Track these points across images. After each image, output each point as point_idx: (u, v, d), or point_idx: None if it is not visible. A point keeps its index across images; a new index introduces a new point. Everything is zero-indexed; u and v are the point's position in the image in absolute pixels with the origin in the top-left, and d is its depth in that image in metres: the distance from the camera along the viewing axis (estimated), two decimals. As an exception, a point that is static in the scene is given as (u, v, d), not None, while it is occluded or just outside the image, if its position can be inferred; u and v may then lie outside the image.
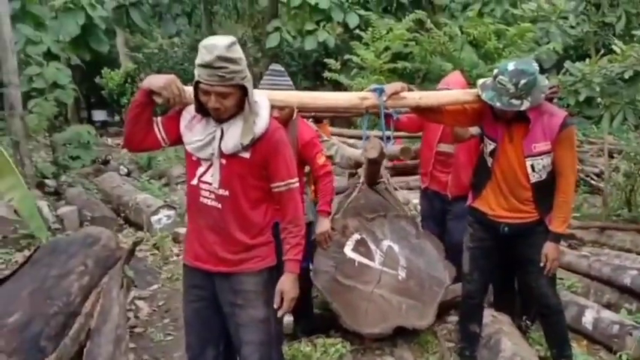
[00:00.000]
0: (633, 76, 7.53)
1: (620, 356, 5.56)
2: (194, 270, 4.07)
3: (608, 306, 6.65)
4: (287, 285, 3.92)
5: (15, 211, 9.13)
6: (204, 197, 3.92)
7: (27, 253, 7.88)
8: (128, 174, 13.88)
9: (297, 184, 4.03)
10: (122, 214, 10.38)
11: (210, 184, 3.88)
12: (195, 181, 3.94)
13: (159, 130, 3.91)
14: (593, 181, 13.10)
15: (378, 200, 6.48)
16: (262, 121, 3.78)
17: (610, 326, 6.00)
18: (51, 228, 9.03)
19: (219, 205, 3.88)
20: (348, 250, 5.96)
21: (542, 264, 5.02)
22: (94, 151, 14.22)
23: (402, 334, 5.80)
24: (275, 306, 3.90)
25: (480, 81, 4.87)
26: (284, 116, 5.30)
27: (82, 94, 19.19)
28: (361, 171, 6.63)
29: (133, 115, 3.82)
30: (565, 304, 6.36)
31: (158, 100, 3.78)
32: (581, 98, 7.80)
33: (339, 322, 5.72)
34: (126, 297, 5.73)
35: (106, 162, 14.94)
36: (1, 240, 8.49)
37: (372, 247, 5.97)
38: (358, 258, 5.94)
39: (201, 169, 3.90)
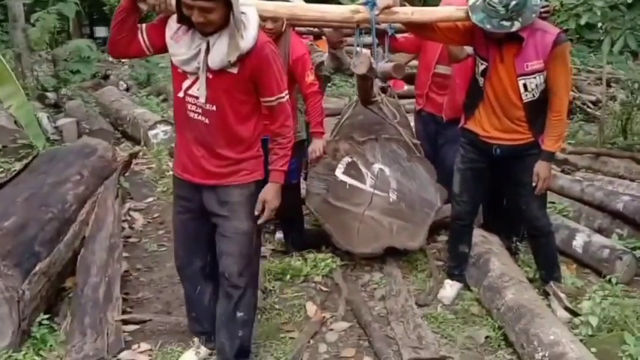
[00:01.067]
0: (635, 1, 7.37)
1: (610, 280, 5.52)
2: (182, 182, 4.03)
3: (600, 231, 6.63)
4: (270, 194, 3.94)
5: (15, 122, 9.12)
6: (191, 111, 3.83)
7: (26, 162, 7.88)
8: (127, 89, 13.79)
9: (287, 98, 3.96)
10: (120, 128, 10.30)
11: (196, 97, 3.78)
12: (181, 94, 3.84)
13: (143, 38, 3.76)
14: (589, 109, 13.04)
15: (374, 119, 6.35)
16: (250, 35, 3.62)
17: (600, 250, 5.98)
18: (50, 139, 9.04)
19: (207, 120, 3.80)
20: (339, 173, 5.93)
21: (533, 183, 4.98)
22: (95, 65, 14.09)
23: (391, 253, 5.81)
24: (256, 213, 3.92)
25: (470, 1, 4.70)
26: (278, 29, 5.27)
27: (84, 10, 18.93)
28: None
29: (118, 21, 3.69)
30: (556, 228, 6.33)
31: (143, 6, 3.67)
32: (582, 22, 7.64)
33: (330, 239, 5.78)
34: (121, 207, 5.73)
35: (106, 77, 14.84)
36: (1, 149, 8.48)
37: (363, 170, 5.93)
38: (349, 180, 5.92)
39: (187, 82, 3.79)
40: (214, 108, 3.75)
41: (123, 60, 16.38)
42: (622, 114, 10.44)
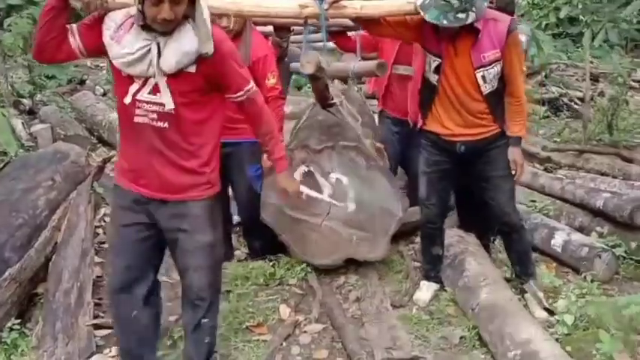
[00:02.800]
0: (615, -7, 7.49)
1: (586, 277, 5.62)
2: (128, 193, 3.82)
3: (580, 229, 6.76)
4: (285, 182, 4.16)
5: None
6: (141, 116, 3.62)
7: None
8: (104, 94, 13.85)
9: (256, 88, 3.86)
10: (95, 133, 10.35)
11: (149, 102, 3.58)
12: (128, 100, 3.61)
13: (75, 39, 3.52)
14: (576, 106, 13.11)
15: (334, 121, 6.13)
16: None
17: (579, 249, 6.11)
18: (24, 145, 9.05)
19: (164, 125, 3.62)
20: None
21: (512, 171, 5.10)
22: (71, 70, 14.13)
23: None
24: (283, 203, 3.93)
25: (419, 1, 4.66)
26: (235, 27, 5.26)
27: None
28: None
29: (46, 21, 3.44)
30: (535, 227, 6.57)
31: (75, 3, 3.44)
32: (562, 15, 7.80)
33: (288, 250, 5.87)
34: (94, 213, 5.82)
35: (82, 82, 14.79)
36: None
37: (320, 179, 5.86)
38: (306, 190, 5.77)
39: (134, 87, 3.58)
40: (172, 111, 3.59)
41: (101, 65, 16.44)
42: (608, 109, 10.53)
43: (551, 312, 5.13)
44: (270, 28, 5.95)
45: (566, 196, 7.40)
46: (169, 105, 3.53)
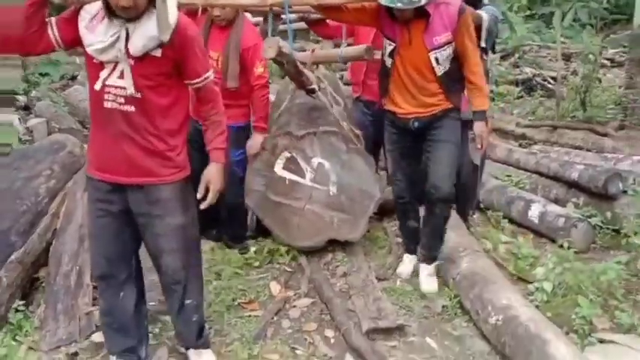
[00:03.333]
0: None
1: (562, 245, 5.65)
2: (101, 183, 3.80)
3: (556, 201, 6.84)
4: (213, 175, 3.90)
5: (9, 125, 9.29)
6: (110, 101, 3.64)
7: None
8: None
9: (213, 77, 3.86)
10: (88, 126, 10.33)
11: (117, 87, 3.60)
12: (98, 86, 3.63)
13: (53, 32, 3.58)
14: (550, 85, 13.21)
15: (313, 104, 6.24)
16: (173, 17, 3.50)
17: (556, 219, 6.20)
18: (21, 139, 9.15)
19: (131, 109, 3.63)
20: (278, 169, 5.90)
21: (478, 145, 5.16)
22: (63, 67, 14.18)
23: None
24: (199, 196, 3.85)
25: None
26: (225, 15, 5.32)
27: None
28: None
29: (27, 16, 3.49)
30: (512, 200, 6.67)
31: None
32: (532, -5, 7.80)
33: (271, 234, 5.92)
34: (89, 199, 5.88)
35: (73, 78, 14.87)
36: (-32, 152, 8.61)
37: (303, 164, 5.88)
38: (289, 176, 5.88)
39: (104, 72, 3.60)
40: (139, 95, 3.62)
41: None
42: (580, 86, 10.60)
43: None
44: (259, 18, 6.01)
45: (541, 169, 7.45)
46: (130, 89, 3.56)
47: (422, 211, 5.42)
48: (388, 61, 5.06)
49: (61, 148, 6.33)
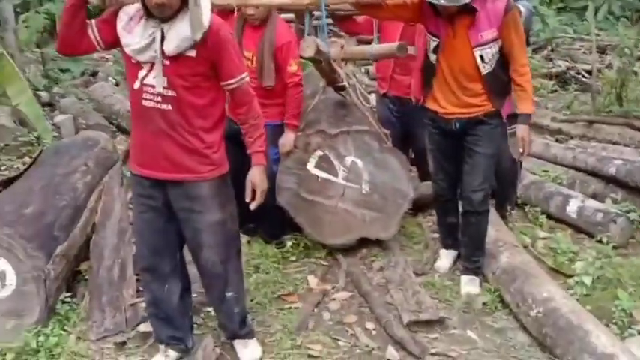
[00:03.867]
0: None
1: (601, 240, 5.95)
2: (143, 179, 4.05)
3: (594, 196, 6.99)
4: (257, 177, 4.08)
5: (14, 121, 9.55)
6: (148, 100, 3.86)
7: (27, 160, 8.25)
8: (117, 84, 14.11)
9: (248, 78, 4.00)
10: (114, 122, 10.59)
11: (153, 86, 3.82)
12: (137, 85, 3.87)
13: (93, 33, 3.82)
14: (584, 79, 13.25)
15: (343, 105, 6.38)
16: (206, 18, 3.67)
17: (594, 214, 6.36)
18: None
19: (168, 106, 3.84)
20: (310, 167, 6.00)
21: (520, 149, 5.23)
22: (83, 63, 14.42)
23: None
24: (247, 199, 4.06)
25: None
26: (258, 14, 5.45)
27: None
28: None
29: (67, 17, 3.75)
30: (550, 195, 6.84)
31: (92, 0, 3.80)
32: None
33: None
34: (127, 194, 6.11)
35: (94, 74, 15.10)
36: (4, 148, 8.83)
37: (336, 163, 5.99)
38: (321, 174, 5.99)
39: (142, 72, 3.83)
40: (174, 93, 3.80)
41: (106, 56, 16.66)
42: (616, 80, 10.67)
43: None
44: (291, 15, 6.17)
45: (579, 164, 7.62)
46: (164, 88, 3.76)
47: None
48: (432, 57, 5.11)
49: (95, 145, 6.58)
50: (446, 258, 5.82)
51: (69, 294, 4.90)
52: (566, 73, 14.04)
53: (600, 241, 5.99)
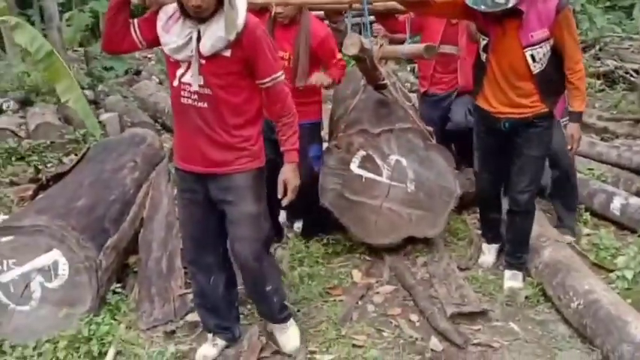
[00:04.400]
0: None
1: (645, 236, 6.05)
2: (185, 173, 4.24)
3: (638, 194, 7.07)
4: (289, 174, 4.20)
5: (59, 118, 9.85)
6: (186, 97, 4.01)
7: (73, 157, 8.63)
8: (160, 83, 14.39)
9: (283, 77, 4.11)
10: (159, 120, 10.88)
11: (190, 84, 3.96)
12: (176, 83, 4.03)
13: (135, 32, 4.01)
14: (632, 78, 13.27)
15: (385, 104, 6.47)
16: (241, 18, 3.80)
17: (638, 211, 6.45)
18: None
19: (204, 104, 3.98)
20: (354, 167, 6.03)
21: (568, 146, 5.32)
22: (127, 62, 14.73)
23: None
24: (279, 196, 4.20)
25: None
26: (287, 13, 5.47)
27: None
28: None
29: (110, 16, 3.95)
30: (594, 192, 6.94)
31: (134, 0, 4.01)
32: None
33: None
34: (173, 190, 6.30)
35: (137, 72, 15.46)
36: (50, 145, 9.14)
37: (379, 162, 6.00)
38: (365, 174, 6.02)
39: (180, 70, 3.99)
40: (210, 92, 3.95)
41: (149, 56, 16.96)
42: (665, 79, 10.75)
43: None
44: (320, 13, 6.23)
45: (623, 162, 7.78)
46: (195, 86, 3.93)
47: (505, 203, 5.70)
48: (482, 56, 5.19)
49: (142, 142, 6.83)
50: (489, 253, 5.93)
51: (119, 285, 5.14)
52: (614, 73, 14.03)
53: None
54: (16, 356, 4.49)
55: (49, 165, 8.74)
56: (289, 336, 4.61)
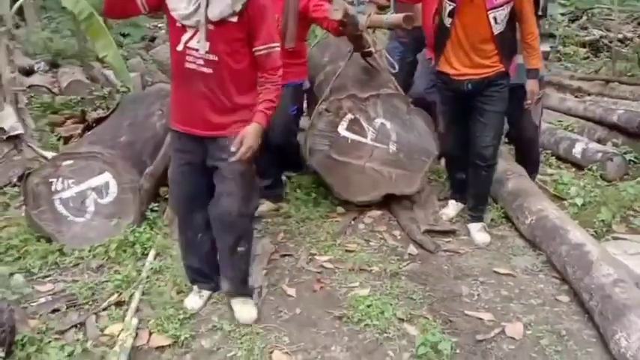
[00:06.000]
0: None
1: (600, 175, 7.20)
2: (182, 135, 4.33)
3: (599, 141, 8.23)
4: (250, 132, 4.08)
5: (87, 77, 10.82)
6: (190, 62, 4.07)
7: (100, 111, 9.60)
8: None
9: (278, 49, 4.18)
10: (176, 82, 11.76)
11: (197, 50, 4.03)
12: (180, 47, 4.07)
13: None
14: (616, 48, 13.78)
15: (369, 71, 6.76)
16: None
17: (595, 154, 7.55)
18: (119, 91, 10.67)
19: (209, 70, 4.07)
20: (341, 130, 6.30)
21: (528, 101, 5.71)
22: (143, 29, 15.56)
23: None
24: (232, 149, 4.06)
25: None
26: None
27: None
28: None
29: None
30: (560, 139, 8.08)
31: None
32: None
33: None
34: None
35: (152, 39, 16.30)
36: (80, 100, 10.09)
37: (365, 125, 6.28)
38: (351, 136, 6.30)
39: (186, 36, 4.03)
40: (216, 58, 4.05)
41: (159, 25, 17.67)
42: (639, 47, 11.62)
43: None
44: None
45: (588, 114, 8.86)
46: (203, 50, 4.03)
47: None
48: (447, 21, 5.45)
49: (167, 94, 7.42)
50: (452, 208, 6.44)
51: (156, 204, 6.09)
52: (599, 42, 14.89)
53: (595, 174, 7.22)
54: (75, 257, 5.50)
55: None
56: (247, 308, 4.68)
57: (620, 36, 14.52)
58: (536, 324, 4.57)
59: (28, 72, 11.70)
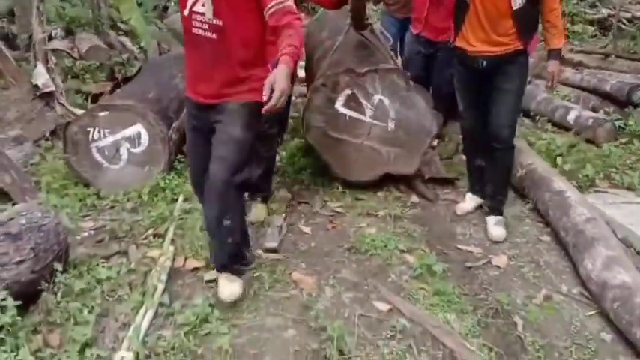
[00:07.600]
0: None
1: (589, 140, 8.01)
2: (192, 101, 4.44)
3: (592, 109, 9.01)
4: (279, 75, 3.73)
5: (104, 43, 11.54)
6: (197, 28, 4.11)
7: (119, 76, 10.25)
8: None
9: (292, 4, 4.04)
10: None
11: (202, 14, 4.05)
12: (187, 12, 4.11)
13: None
14: (624, 26, 14.46)
15: (367, 45, 6.84)
16: None
17: (587, 120, 8.35)
18: (137, 57, 11.34)
19: (214, 35, 4.09)
20: (339, 106, 6.35)
21: (547, 83, 5.77)
22: (154, -1, 16.30)
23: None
24: (264, 98, 3.69)
25: None
26: None
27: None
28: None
29: None
30: (556, 108, 8.89)
31: None
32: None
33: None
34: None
35: (165, 9, 17.03)
36: (99, 66, 10.71)
37: (364, 101, 6.31)
38: (349, 112, 6.36)
39: (192, 0, 4.07)
40: (220, 23, 4.05)
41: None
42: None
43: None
44: None
45: (583, 84, 9.72)
46: (208, 14, 4.06)
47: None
48: None
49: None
50: (469, 202, 6.37)
51: (182, 156, 6.79)
52: (608, 20, 15.35)
53: (589, 141, 8.01)
54: (111, 200, 6.30)
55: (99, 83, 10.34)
56: (230, 286, 4.59)
57: (628, 15, 14.91)
58: (519, 257, 5.45)
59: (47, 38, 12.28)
